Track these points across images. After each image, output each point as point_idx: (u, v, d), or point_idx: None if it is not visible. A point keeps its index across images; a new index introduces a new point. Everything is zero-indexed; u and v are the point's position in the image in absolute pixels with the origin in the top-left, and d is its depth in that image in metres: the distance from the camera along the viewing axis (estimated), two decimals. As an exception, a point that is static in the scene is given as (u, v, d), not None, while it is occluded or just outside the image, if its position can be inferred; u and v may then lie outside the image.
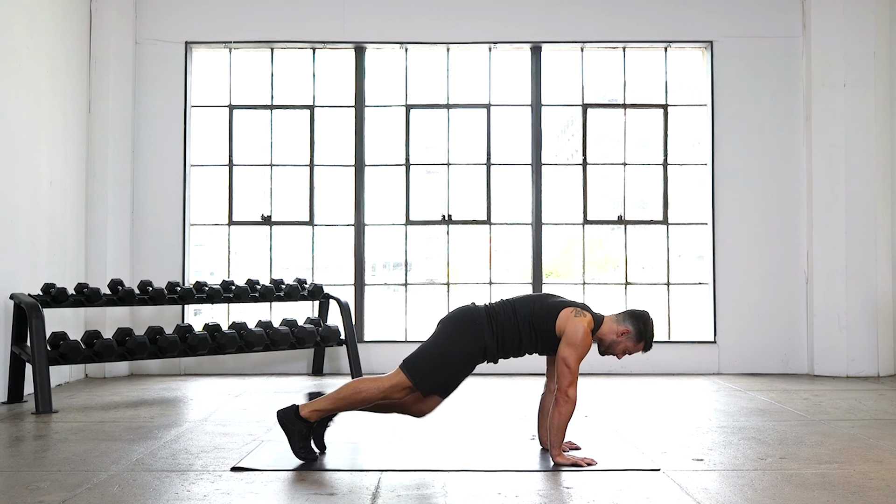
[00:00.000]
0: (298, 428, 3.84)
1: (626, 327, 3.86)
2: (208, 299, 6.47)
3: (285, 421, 3.86)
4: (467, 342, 3.83)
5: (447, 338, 3.87)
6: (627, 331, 3.86)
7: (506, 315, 3.88)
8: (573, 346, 3.73)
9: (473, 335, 3.84)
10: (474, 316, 3.89)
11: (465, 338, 3.84)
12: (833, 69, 7.11)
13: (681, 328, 7.54)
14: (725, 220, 7.38)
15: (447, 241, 7.57)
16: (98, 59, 7.17)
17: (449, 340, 3.86)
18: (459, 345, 3.83)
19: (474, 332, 3.84)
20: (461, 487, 3.46)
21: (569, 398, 3.74)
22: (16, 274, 5.91)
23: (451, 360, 3.83)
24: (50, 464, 3.85)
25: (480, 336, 3.83)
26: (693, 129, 7.69)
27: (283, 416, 3.86)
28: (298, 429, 3.83)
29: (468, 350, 3.84)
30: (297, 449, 3.84)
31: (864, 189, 7.06)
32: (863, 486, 3.42)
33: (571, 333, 3.74)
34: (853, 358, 7.00)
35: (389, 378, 3.83)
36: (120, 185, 7.20)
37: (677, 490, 3.41)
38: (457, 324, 3.89)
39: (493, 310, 3.92)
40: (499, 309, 3.92)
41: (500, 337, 3.86)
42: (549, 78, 7.63)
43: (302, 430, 3.84)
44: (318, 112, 7.61)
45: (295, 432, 3.84)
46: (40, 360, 5.32)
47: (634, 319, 3.88)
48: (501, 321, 3.86)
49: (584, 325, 3.76)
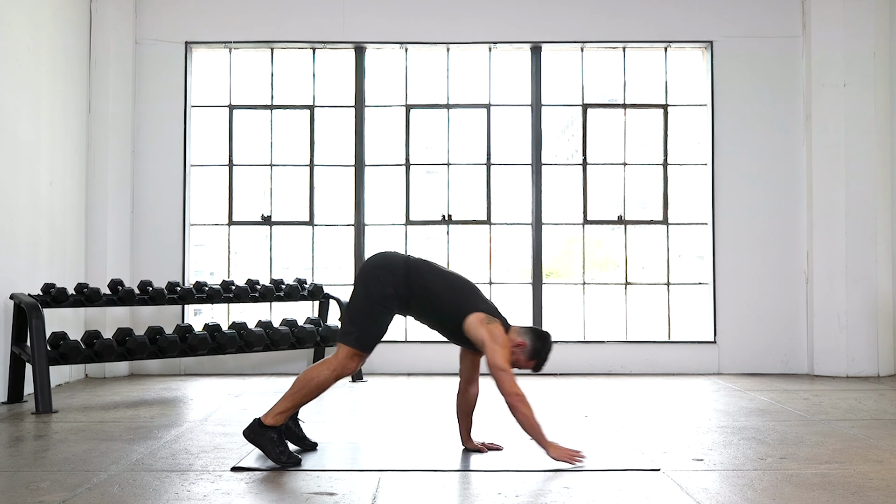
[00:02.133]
0: (268, 436, 3.81)
1: (523, 341, 3.88)
2: (208, 299, 6.47)
3: (253, 436, 3.84)
4: (384, 286, 3.82)
5: (363, 288, 3.86)
6: (524, 344, 3.87)
7: (423, 281, 3.85)
8: (499, 347, 3.76)
9: (386, 281, 3.82)
10: (388, 261, 3.90)
11: (378, 283, 3.83)
12: (833, 69, 7.11)
13: (681, 328, 7.54)
14: (725, 220, 7.38)
15: (447, 241, 7.57)
16: (98, 59, 7.18)
17: (365, 290, 3.85)
18: (376, 290, 3.82)
19: (388, 279, 3.82)
20: (461, 487, 3.46)
21: (520, 395, 3.76)
22: (16, 274, 5.91)
23: (374, 308, 3.82)
24: (50, 464, 3.85)
25: (393, 283, 3.82)
26: (693, 129, 7.69)
27: (249, 432, 3.85)
28: (268, 437, 3.81)
29: (385, 293, 3.82)
30: (276, 455, 3.79)
31: (864, 189, 7.06)
32: (863, 486, 3.42)
33: (490, 339, 3.76)
34: (853, 358, 7.00)
35: (335, 355, 3.84)
36: (120, 185, 7.20)
37: (677, 490, 3.41)
38: (371, 268, 3.89)
39: (415, 267, 3.90)
40: (423, 269, 3.89)
41: (411, 294, 3.84)
42: (549, 78, 7.63)
43: (272, 436, 3.81)
44: (318, 112, 7.61)
45: (266, 442, 3.81)
46: (40, 360, 5.32)
47: (534, 337, 3.90)
48: (417, 283, 3.84)
49: (499, 328, 3.82)
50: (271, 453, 3.80)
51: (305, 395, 3.85)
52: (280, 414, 3.84)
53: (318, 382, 3.82)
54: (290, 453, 3.85)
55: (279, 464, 3.78)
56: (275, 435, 3.82)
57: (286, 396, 3.86)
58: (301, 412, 5.19)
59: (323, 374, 3.82)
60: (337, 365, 3.82)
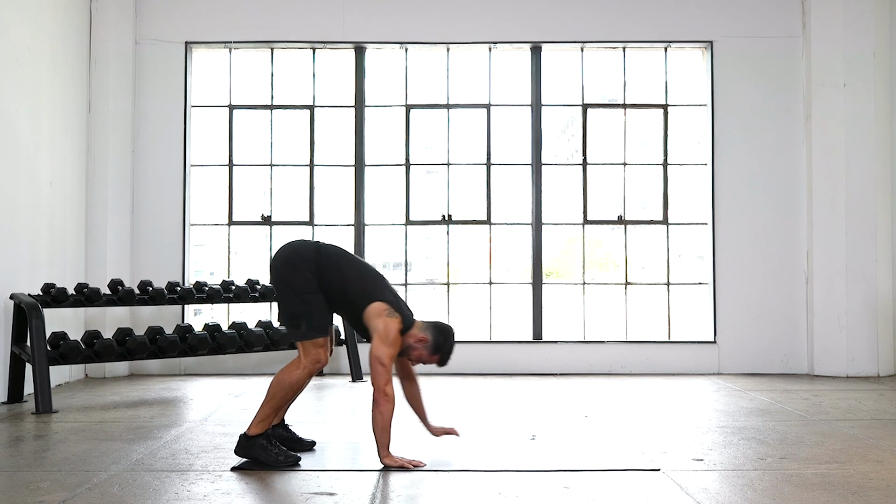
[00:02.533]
0: (258, 444, 3.80)
1: (425, 336, 3.87)
2: (208, 299, 6.47)
3: (243, 451, 3.82)
4: (301, 271, 3.82)
5: (283, 285, 3.86)
6: (426, 339, 3.86)
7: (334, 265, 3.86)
8: (386, 345, 3.75)
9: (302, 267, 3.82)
10: (297, 248, 3.90)
11: (294, 272, 3.83)
12: (833, 69, 7.11)
13: (681, 328, 7.54)
14: (725, 220, 7.38)
15: (447, 241, 7.57)
16: (98, 59, 7.18)
17: (287, 286, 3.84)
18: (296, 279, 3.82)
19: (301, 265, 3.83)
20: (461, 487, 3.46)
21: (387, 396, 3.74)
22: (16, 274, 5.91)
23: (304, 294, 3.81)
24: (50, 464, 3.85)
25: (308, 268, 3.82)
26: (693, 129, 7.69)
27: (239, 449, 3.83)
28: (258, 444, 3.80)
29: (305, 277, 3.82)
30: (273, 458, 3.79)
31: (864, 189, 7.06)
32: (863, 486, 3.42)
33: (384, 333, 3.75)
34: (853, 358, 7.00)
35: (301, 354, 3.80)
36: (120, 185, 7.20)
37: (677, 490, 3.41)
38: (283, 261, 3.88)
39: (325, 251, 3.91)
40: (333, 255, 3.90)
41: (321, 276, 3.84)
42: (549, 78, 7.63)
43: (262, 443, 3.80)
44: (318, 112, 7.60)
45: (258, 450, 3.79)
46: (40, 360, 5.32)
47: (437, 331, 3.89)
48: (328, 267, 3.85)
49: (395, 325, 3.79)
50: (267, 458, 3.79)
51: (282, 398, 3.82)
52: (262, 422, 3.82)
53: (292, 383, 3.80)
54: (286, 452, 3.85)
55: (278, 465, 3.77)
56: (264, 441, 3.81)
57: (264, 404, 3.84)
58: (300, 413, 5.20)
59: (295, 374, 3.80)
60: (307, 362, 3.80)
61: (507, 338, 7.52)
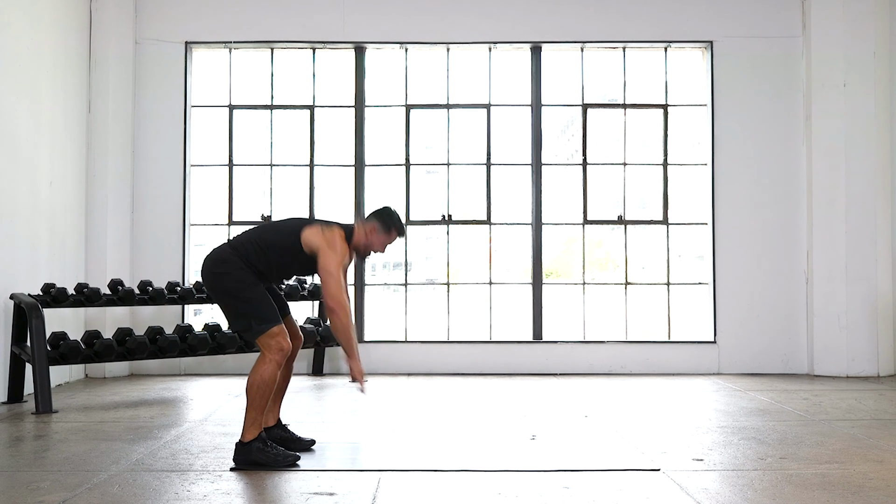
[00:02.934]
0: (255, 448, 3.79)
1: (372, 225, 3.96)
2: (208, 299, 6.46)
3: (242, 457, 3.80)
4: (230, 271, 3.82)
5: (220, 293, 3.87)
6: (374, 227, 3.96)
7: (251, 245, 3.88)
8: (333, 251, 3.80)
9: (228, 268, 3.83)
10: (216, 255, 3.90)
11: (223, 277, 3.83)
12: (833, 69, 7.11)
13: (681, 328, 7.54)
14: (725, 220, 7.38)
15: (447, 241, 7.57)
16: (98, 59, 7.18)
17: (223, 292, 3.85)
18: (229, 282, 3.82)
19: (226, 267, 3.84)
20: (461, 487, 3.46)
21: (340, 302, 3.77)
22: (16, 274, 5.91)
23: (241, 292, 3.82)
24: (50, 464, 3.85)
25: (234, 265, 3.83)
26: (693, 129, 7.69)
27: (237, 457, 3.82)
28: (255, 448, 3.79)
29: (236, 275, 3.82)
30: (272, 459, 3.78)
31: (864, 189, 7.06)
32: (863, 486, 3.42)
33: (329, 242, 3.82)
34: (853, 358, 7.00)
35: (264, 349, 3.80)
36: (120, 185, 7.20)
37: (677, 490, 3.41)
38: (209, 271, 3.89)
39: (236, 241, 3.94)
40: (244, 239, 3.92)
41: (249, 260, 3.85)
42: (549, 78, 7.63)
43: (258, 446, 3.79)
44: (318, 112, 7.60)
45: (255, 454, 3.78)
46: (40, 360, 5.32)
47: (377, 215, 4.00)
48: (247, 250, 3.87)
49: (337, 233, 3.87)
50: (266, 459, 3.78)
51: (262, 397, 3.80)
52: (252, 426, 3.81)
53: (265, 380, 3.78)
54: (284, 451, 3.86)
55: (277, 465, 3.77)
56: (260, 444, 3.80)
57: (248, 409, 3.82)
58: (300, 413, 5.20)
59: (264, 369, 3.78)
60: (270, 356, 3.79)
61: (508, 338, 7.53)
